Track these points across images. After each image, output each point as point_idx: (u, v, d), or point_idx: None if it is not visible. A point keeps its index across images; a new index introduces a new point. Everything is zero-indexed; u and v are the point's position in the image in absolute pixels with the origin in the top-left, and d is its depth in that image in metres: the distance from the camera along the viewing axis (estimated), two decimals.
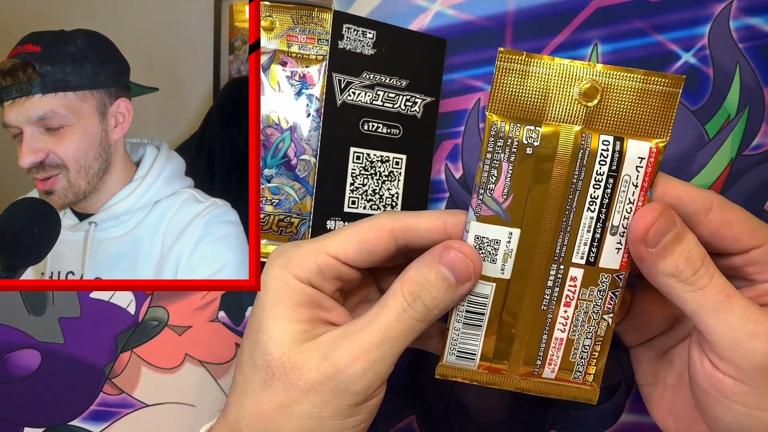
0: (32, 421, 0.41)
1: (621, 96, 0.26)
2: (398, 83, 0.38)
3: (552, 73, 0.26)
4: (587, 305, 0.29)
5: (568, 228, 0.27)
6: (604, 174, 0.27)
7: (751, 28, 0.39)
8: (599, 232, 0.27)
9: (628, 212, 0.27)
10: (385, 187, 0.39)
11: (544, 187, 0.27)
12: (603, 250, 0.28)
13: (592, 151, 0.26)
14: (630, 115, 0.27)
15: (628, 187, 0.27)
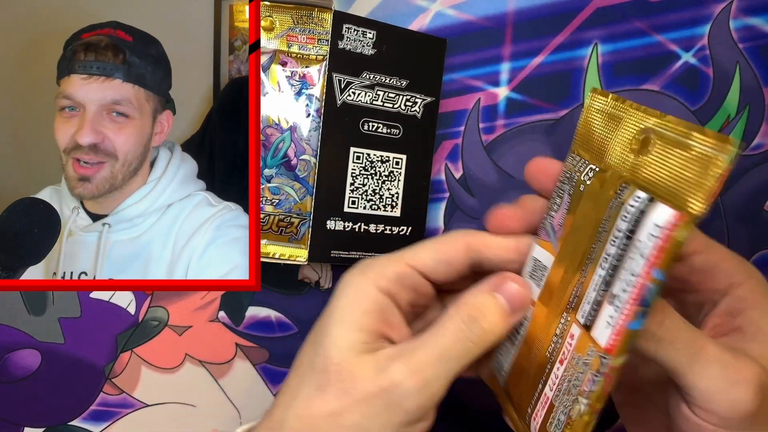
0: (32, 421, 0.41)
1: (671, 151, 0.23)
2: (398, 83, 0.38)
3: (623, 116, 0.25)
4: (572, 375, 0.25)
5: (583, 279, 0.25)
6: (622, 232, 0.23)
7: (751, 28, 0.39)
8: (601, 295, 0.24)
9: (628, 285, 0.23)
10: (385, 187, 0.39)
11: (581, 230, 0.26)
12: (599, 317, 0.24)
13: (622, 204, 0.23)
14: (672, 174, 0.22)
15: (636, 256, 0.22)
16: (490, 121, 0.40)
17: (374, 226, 0.39)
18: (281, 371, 0.41)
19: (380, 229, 0.39)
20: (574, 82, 0.40)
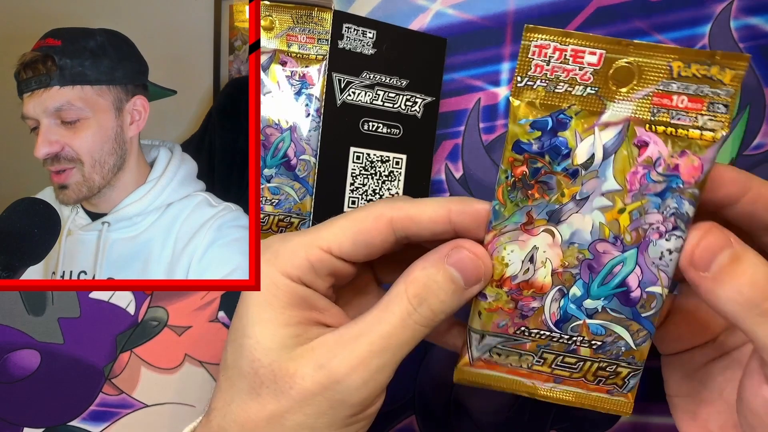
0: (32, 422, 0.41)
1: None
2: (398, 83, 0.38)
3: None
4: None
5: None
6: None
7: (751, 28, 0.39)
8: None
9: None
10: (385, 187, 0.39)
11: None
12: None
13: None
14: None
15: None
16: (490, 120, 0.40)
17: None
18: None
19: None
20: None
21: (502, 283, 0.26)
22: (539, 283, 0.26)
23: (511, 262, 0.26)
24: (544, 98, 0.24)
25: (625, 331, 0.26)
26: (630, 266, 0.25)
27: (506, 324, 0.27)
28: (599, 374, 0.28)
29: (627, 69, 0.23)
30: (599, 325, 0.26)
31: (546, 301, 0.26)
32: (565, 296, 0.26)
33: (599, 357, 0.27)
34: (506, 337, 0.27)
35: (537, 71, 0.24)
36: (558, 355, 0.27)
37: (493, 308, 0.27)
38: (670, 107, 0.23)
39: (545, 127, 0.24)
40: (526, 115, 0.24)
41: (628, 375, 0.28)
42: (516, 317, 0.27)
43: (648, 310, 0.26)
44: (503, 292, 0.26)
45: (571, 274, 0.26)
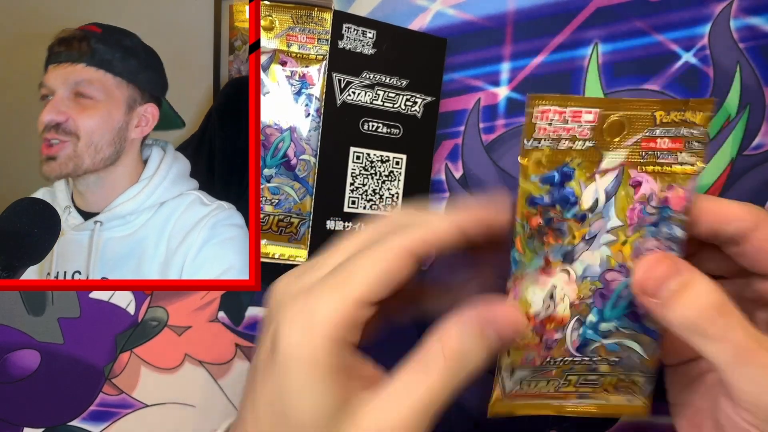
0: (32, 422, 0.41)
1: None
2: (398, 83, 0.38)
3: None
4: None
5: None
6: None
7: (751, 28, 0.39)
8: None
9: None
10: (385, 187, 0.39)
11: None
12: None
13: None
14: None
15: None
16: (490, 120, 0.40)
17: None
18: None
19: None
20: (574, 82, 0.40)
21: (527, 321, 0.29)
22: (560, 317, 0.29)
23: (534, 302, 0.28)
24: (549, 155, 0.27)
25: (637, 345, 0.29)
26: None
27: (533, 357, 0.29)
28: (619, 385, 0.31)
29: (619, 122, 0.27)
30: (614, 343, 0.29)
31: (567, 332, 0.29)
32: (583, 324, 0.29)
33: (617, 371, 0.30)
34: (534, 368, 0.30)
35: (541, 133, 0.27)
36: (581, 375, 0.30)
37: (520, 346, 0.29)
38: (656, 149, 0.27)
39: (553, 181, 0.27)
40: (536, 172, 0.27)
41: (644, 382, 0.31)
42: (542, 350, 0.29)
43: (653, 323, 0.29)
44: (529, 330, 0.29)
45: (586, 304, 0.29)
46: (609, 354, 0.30)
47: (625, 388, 0.31)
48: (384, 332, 0.32)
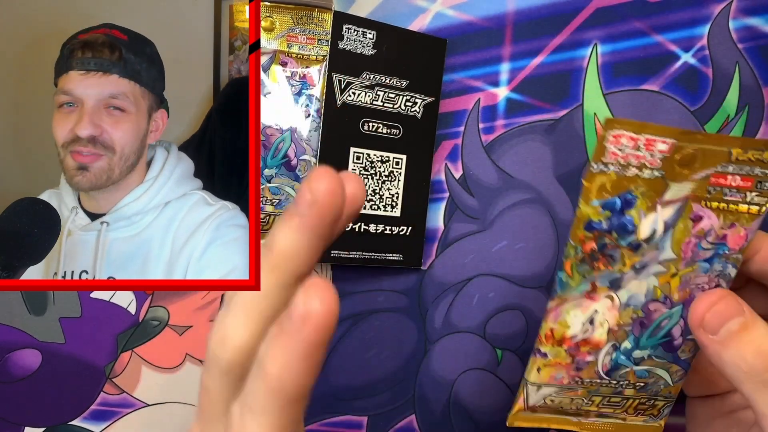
0: (33, 421, 0.41)
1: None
2: (398, 83, 0.38)
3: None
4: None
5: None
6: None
7: (750, 29, 0.39)
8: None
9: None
10: (385, 187, 0.39)
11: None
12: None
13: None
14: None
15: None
16: (489, 121, 0.40)
17: (374, 226, 0.39)
18: None
19: (380, 229, 0.39)
20: (573, 83, 0.40)
21: (562, 342, 0.29)
22: (596, 341, 0.29)
23: (573, 325, 0.29)
24: (615, 182, 0.26)
25: (666, 373, 0.30)
26: (675, 320, 0.28)
27: (562, 376, 0.30)
28: (639, 408, 0.31)
29: (692, 155, 0.26)
30: (644, 370, 0.29)
31: (600, 356, 0.29)
32: (617, 350, 0.29)
33: (641, 396, 0.30)
34: (561, 387, 0.30)
35: (611, 158, 0.26)
36: (605, 397, 0.30)
37: (551, 364, 0.29)
38: (725, 185, 0.26)
39: (614, 207, 0.27)
40: (599, 197, 0.27)
41: (663, 406, 0.31)
42: (571, 370, 0.29)
43: (687, 353, 0.29)
44: (562, 350, 0.29)
45: (624, 331, 0.28)
46: (637, 380, 0.29)
47: (644, 410, 0.31)
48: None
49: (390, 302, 0.41)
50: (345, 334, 0.41)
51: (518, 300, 0.41)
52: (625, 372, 0.29)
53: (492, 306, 0.41)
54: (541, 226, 0.40)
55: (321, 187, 0.20)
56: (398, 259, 0.40)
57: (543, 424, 0.32)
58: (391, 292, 0.41)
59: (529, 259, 0.41)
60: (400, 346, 0.41)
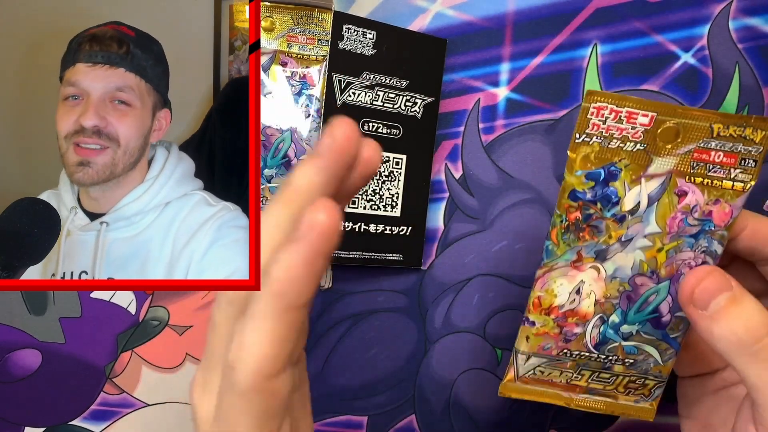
0: (33, 421, 0.41)
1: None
2: (398, 83, 0.38)
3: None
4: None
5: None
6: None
7: (750, 29, 0.39)
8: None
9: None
10: (385, 187, 0.39)
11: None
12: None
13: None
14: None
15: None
16: (489, 121, 0.40)
17: (374, 226, 0.39)
18: None
19: (380, 229, 0.39)
20: (573, 83, 0.40)
21: (550, 311, 0.29)
22: (583, 312, 0.29)
23: (560, 294, 0.29)
24: (598, 153, 0.27)
25: (655, 350, 0.30)
26: (663, 295, 0.28)
27: (551, 347, 0.30)
28: (629, 386, 0.31)
29: (674, 129, 0.26)
30: (633, 346, 0.30)
31: (588, 328, 0.29)
32: (605, 323, 0.29)
33: (630, 372, 0.30)
34: (550, 357, 0.30)
35: (594, 129, 0.27)
36: (594, 372, 0.31)
37: (540, 333, 0.30)
38: (708, 162, 0.27)
39: (598, 178, 0.27)
40: (582, 167, 0.27)
41: (654, 386, 0.31)
42: (560, 341, 0.30)
43: (676, 331, 0.29)
44: (550, 319, 0.29)
45: (611, 303, 0.29)
46: (626, 356, 0.30)
47: (635, 389, 0.31)
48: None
49: (390, 302, 0.41)
50: (345, 334, 0.41)
51: (518, 300, 0.41)
52: (614, 347, 0.30)
53: (492, 306, 0.41)
54: (541, 226, 0.41)
55: (339, 132, 0.22)
56: (398, 259, 0.40)
57: (533, 396, 0.32)
58: (391, 292, 0.41)
59: (529, 259, 0.41)
60: (400, 346, 0.41)
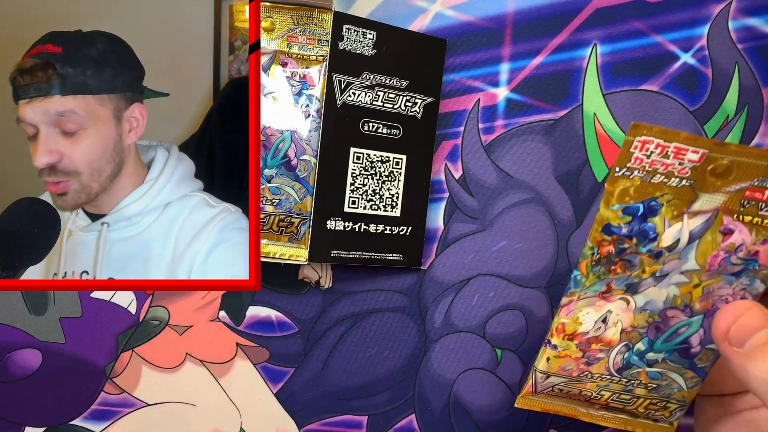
0: (33, 421, 0.41)
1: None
2: (398, 84, 0.38)
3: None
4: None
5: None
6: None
7: (750, 29, 0.40)
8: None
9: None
10: (385, 187, 0.39)
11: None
12: None
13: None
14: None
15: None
16: (489, 121, 0.40)
17: (374, 226, 0.39)
18: (282, 371, 0.41)
19: (380, 229, 0.39)
20: (573, 83, 0.40)
21: (574, 337, 0.29)
22: (608, 339, 0.28)
23: (585, 321, 0.28)
24: (638, 187, 0.25)
25: (680, 378, 0.29)
26: (695, 328, 0.28)
27: (571, 368, 0.29)
28: (650, 407, 0.30)
29: (726, 166, 0.25)
30: (657, 372, 0.29)
31: (611, 354, 0.29)
32: (630, 350, 0.28)
33: (653, 396, 0.30)
34: (570, 378, 0.30)
35: (636, 163, 0.25)
36: (615, 393, 0.30)
37: (561, 356, 0.29)
38: (761, 200, 0.25)
39: (636, 213, 0.26)
40: (620, 201, 0.26)
41: (676, 409, 0.30)
42: (582, 364, 0.29)
43: (705, 362, 0.28)
44: (573, 344, 0.29)
45: (639, 332, 0.28)
46: (649, 380, 0.29)
47: (655, 410, 0.30)
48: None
49: (390, 302, 0.41)
50: (345, 334, 0.41)
51: (518, 300, 0.41)
52: (637, 372, 0.29)
53: (492, 306, 0.41)
54: (541, 226, 0.41)
55: None
56: (398, 259, 0.40)
57: (550, 408, 0.31)
58: (391, 292, 0.41)
59: (528, 259, 0.41)
60: (400, 346, 0.41)
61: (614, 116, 0.40)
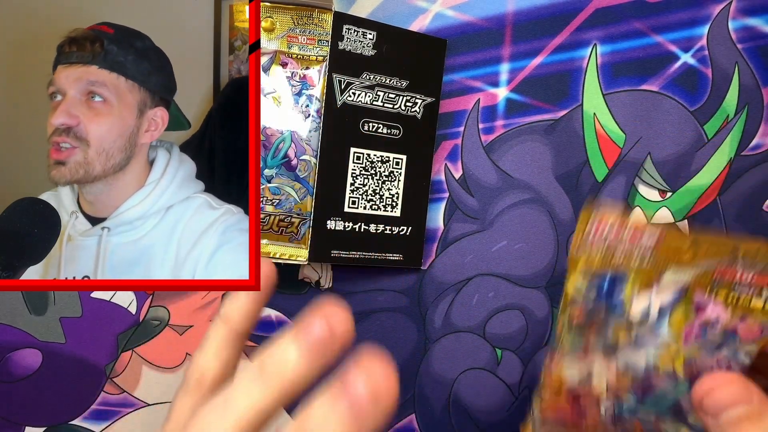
0: (33, 421, 0.41)
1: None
2: (398, 84, 0.38)
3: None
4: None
5: None
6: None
7: (749, 29, 0.40)
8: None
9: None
10: (385, 187, 0.39)
11: None
12: None
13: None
14: None
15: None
16: (489, 121, 0.40)
17: (374, 226, 0.39)
18: None
19: (380, 229, 0.39)
20: (573, 83, 0.40)
21: (560, 392, 0.28)
22: (595, 394, 0.28)
23: (571, 377, 0.28)
24: (601, 260, 0.25)
25: (676, 431, 0.28)
26: (682, 393, 0.27)
27: (565, 419, 0.29)
28: None
29: (689, 249, 0.24)
30: (651, 424, 0.28)
31: (602, 406, 0.28)
32: (619, 404, 0.28)
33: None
34: (565, 424, 0.29)
35: (596, 240, 0.25)
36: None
37: (552, 408, 0.29)
38: (733, 281, 0.24)
39: (601, 286, 0.25)
40: (585, 274, 0.25)
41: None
42: (575, 415, 0.29)
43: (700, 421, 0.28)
44: (562, 398, 0.28)
45: (625, 389, 0.27)
46: (644, 429, 0.28)
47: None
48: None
49: (390, 302, 0.41)
50: None
51: (518, 300, 0.41)
52: (632, 424, 0.28)
53: (492, 306, 0.41)
54: (541, 226, 0.41)
55: (340, 328, 0.21)
56: (398, 259, 0.40)
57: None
58: (391, 292, 0.41)
59: (528, 258, 0.41)
60: (400, 346, 0.41)
61: (614, 116, 0.40)
